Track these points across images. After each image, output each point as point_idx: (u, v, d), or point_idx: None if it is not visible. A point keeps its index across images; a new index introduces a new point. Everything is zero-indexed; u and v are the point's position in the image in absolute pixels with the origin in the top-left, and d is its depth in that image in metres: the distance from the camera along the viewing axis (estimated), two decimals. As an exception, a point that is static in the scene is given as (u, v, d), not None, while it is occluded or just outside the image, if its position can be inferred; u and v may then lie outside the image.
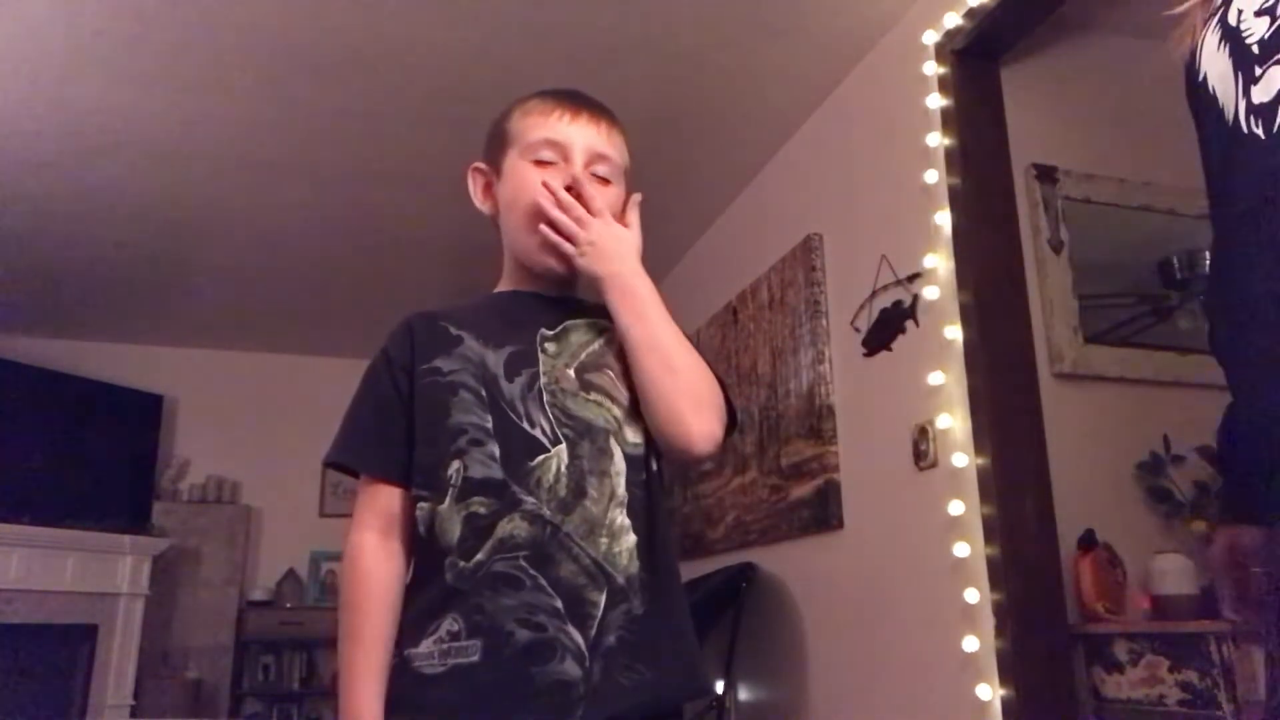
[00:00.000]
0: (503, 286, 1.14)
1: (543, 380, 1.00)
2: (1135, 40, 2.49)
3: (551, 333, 1.04)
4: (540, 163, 1.07)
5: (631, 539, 0.96)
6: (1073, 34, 2.55)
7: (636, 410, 1.02)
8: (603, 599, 0.93)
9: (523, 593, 0.92)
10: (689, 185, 3.45)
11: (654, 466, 1.04)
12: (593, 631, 0.91)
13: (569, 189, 1.05)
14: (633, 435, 1.01)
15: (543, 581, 0.92)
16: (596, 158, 1.08)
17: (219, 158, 3.22)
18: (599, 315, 1.07)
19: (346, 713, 0.94)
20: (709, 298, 3.71)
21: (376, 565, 0.99)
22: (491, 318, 1.07)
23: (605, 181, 1.08)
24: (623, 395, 1.02)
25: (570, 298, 1.12)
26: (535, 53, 2.65)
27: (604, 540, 0.95)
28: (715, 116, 3.03)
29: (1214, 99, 0.80)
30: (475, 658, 0.91)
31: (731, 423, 1.06)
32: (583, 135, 1.08)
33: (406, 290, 4.32)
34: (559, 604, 0.91)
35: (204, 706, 4.66)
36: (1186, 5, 0.89)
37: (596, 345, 1.05)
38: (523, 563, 0.92)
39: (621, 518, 0.96)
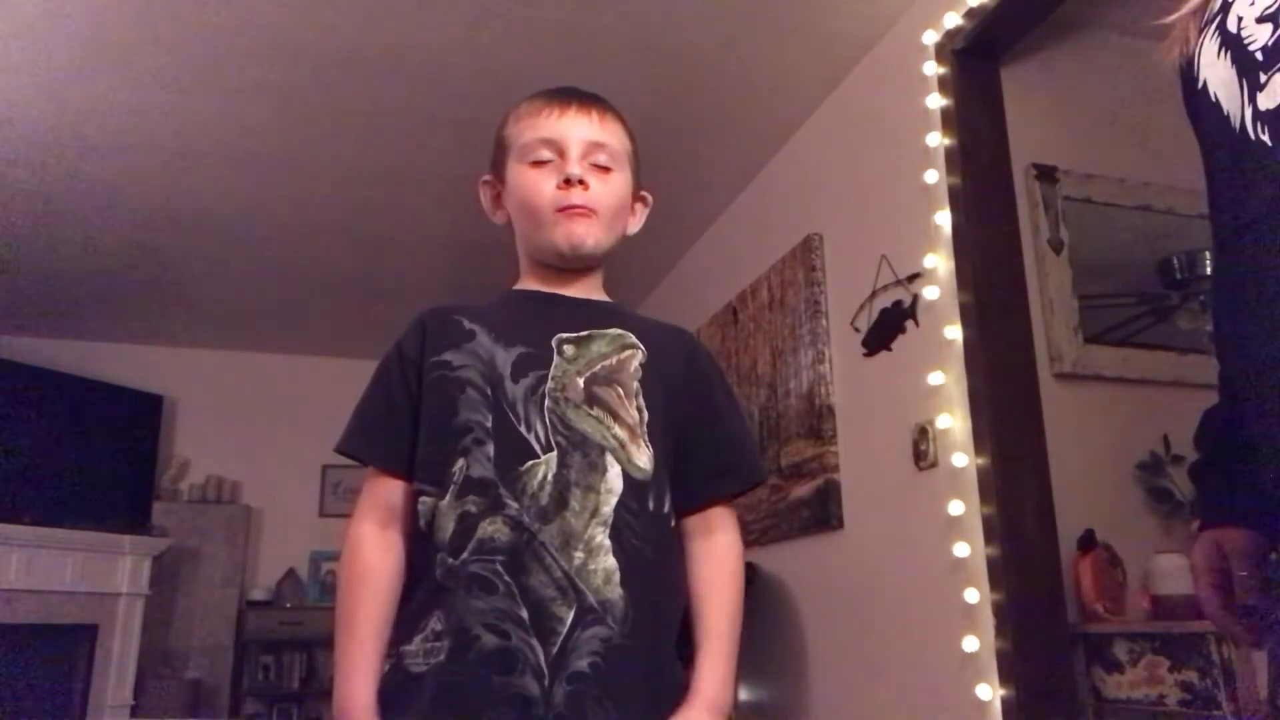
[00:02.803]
0: (521, 286, 1.12)
1: (549, 384, 0.99)
2: (1135, 40, 2.48)
3: (573, 336, 1.02)
4: (537, 163, 1.06)
5: (611, 562, 0.93)
6: (1073, 34, 2.55)
7: (648, 435, 1.00)
8: (570, 615, 0.91)
9: (494, 597, 0.91)
10: (689, 185, 3.44)
11: (665, 507, 1.01)
12: (554, 649, 0.90)
13: (566, 183, 1.04)
14: (641, 460, 0.99)
15: (514, 589, 0.91)
16: (593, 147, 1.07)
17: (219, 158, 3.22)
18: (625, 326, 1.06)
19: (338, 702, 0.94)
20: (709, 298, 3.71)
21: (375, 556, 0.99)
22: (508, 315, 1.06)
23: (605, 170, 1.07)
24: (629, 416, 1.00)
25: (596, 300, 1.10)
26: (536, 53, 2.65)
27: (579, 555, 0.92)
28: (715, 116, 3.03)
29: (1217, 106, 0.80)
30: (441, 658, 0.91)
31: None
32: (574, 128, 1.07)
33: (407, 290, 4.32)
34: (525, 614, 0.90)
35: (204, 706, 4.66)
36: (1177, 14, 0.89)
37: (614, 360, 1.02)
38: (498, 567, 0.92)
39: (602, 537, 0.94)
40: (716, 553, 1.06)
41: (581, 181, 1.05)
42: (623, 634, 0.92)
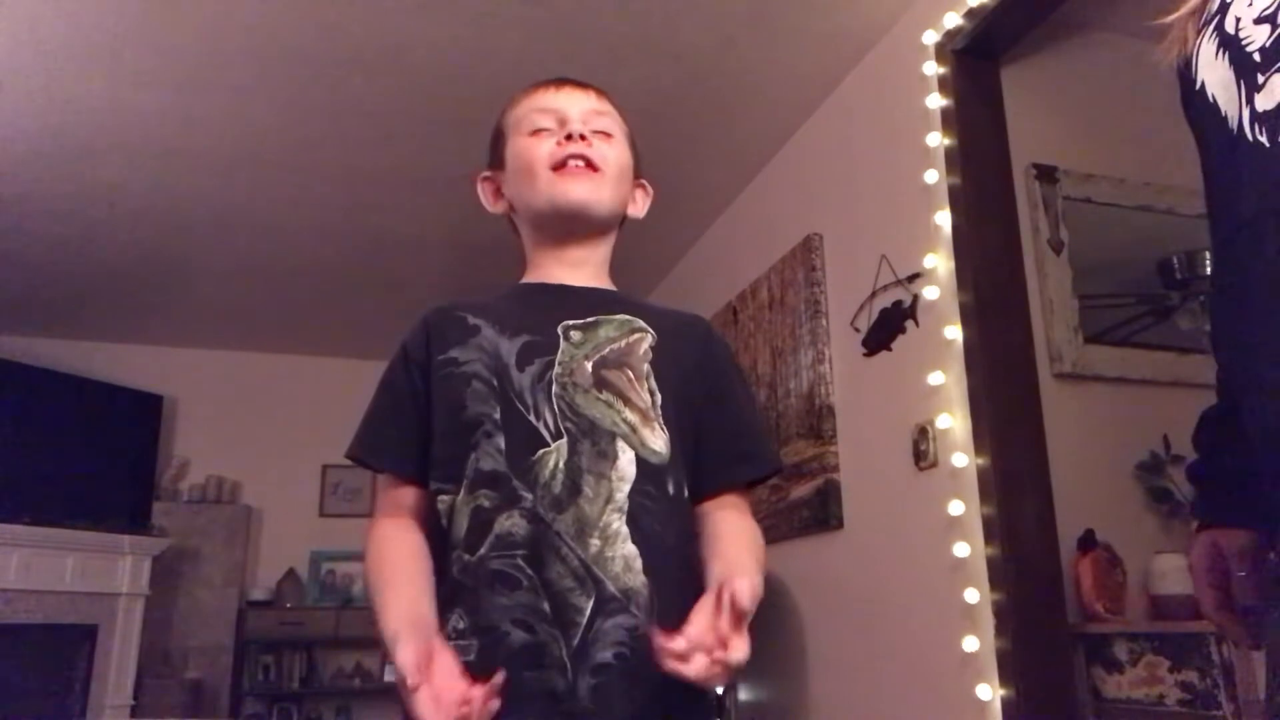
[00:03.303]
0: (527, 279, 1.11)
1: (556, 370, 0.97)
2: (1135, 40, 2.48)
3: (579, 322, 1.01)
4: (537, 131, 1.06)
5: (629, 549, 0.92)
6: (1073, 34, 2.55)
7: (661, 419, 0.98)
8: (589, 605, 0.89)
9: (518, 593, 0.90)
10: (689, 185, 3.45)
11: (685, 491, 0.99)
12: (575, 640, 0.88)
13: (568, 138, 1.04)
14: (656, 444, 0.97)
15: (537, 583, 0.90)
16: (593, 114, 1.07)
17: (219, 158, 3.22)
18: (634, 313, 1.05)
19: (385, 637, 0.89)
20: (709, 298, 3.70)
21: (397, 534, 0.98)
22: (512, 306, 1.05)
23: (608, 135, 1.08)
24: (641, 399, 0.98)
25: (603, 289, 1.10)
26: (535, 52, 2.65)
27: (595, 543, 0.91)
28: (715, 116, 3.03)
29: (1215, 107, 0.80)
30: (472, 658, 0.89)
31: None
32: (572, 100, 1.07)
33: (406, 290, 4.32)
34: (547, 607, 0.89)
35: (204, 706, 4.66)
36: (1176, 14, 0.89)
37: (622, 344, 1.01)
38: (520, 562, 0.91)
39: (618, 524, 0.92)
40: (730, 517, 1.03)
41: (584, 137, 1.04)
42: (647, 622, 0.90)
